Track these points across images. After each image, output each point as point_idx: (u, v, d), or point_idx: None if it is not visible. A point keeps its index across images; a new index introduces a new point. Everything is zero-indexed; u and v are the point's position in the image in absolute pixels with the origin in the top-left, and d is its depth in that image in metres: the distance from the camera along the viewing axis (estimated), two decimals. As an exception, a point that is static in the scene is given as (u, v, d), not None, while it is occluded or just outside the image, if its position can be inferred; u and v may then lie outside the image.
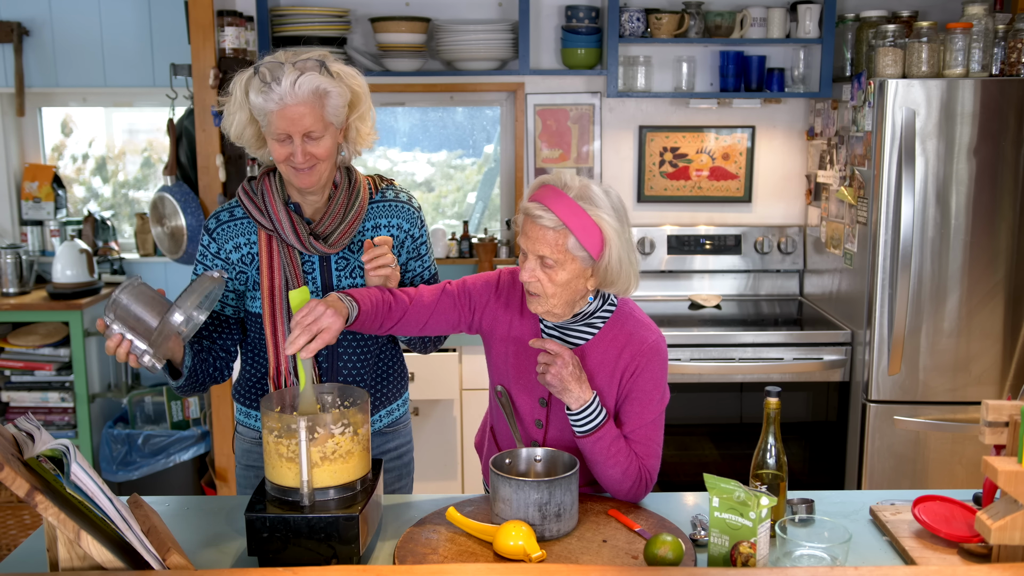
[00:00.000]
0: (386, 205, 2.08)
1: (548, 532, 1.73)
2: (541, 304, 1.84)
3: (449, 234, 3.99)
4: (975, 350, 3.21)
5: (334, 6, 3.70)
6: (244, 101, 1.90)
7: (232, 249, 2.00)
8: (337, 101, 1.88)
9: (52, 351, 3.70)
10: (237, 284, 2.02)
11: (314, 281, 2.02)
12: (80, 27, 3.90)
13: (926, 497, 1.83)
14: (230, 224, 2.02)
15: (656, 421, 1.92)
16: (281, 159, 1.90)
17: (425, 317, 1.94)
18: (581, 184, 1.80)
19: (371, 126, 2.01)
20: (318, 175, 1.93)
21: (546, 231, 1.77)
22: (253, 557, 1.68)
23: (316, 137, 1.88)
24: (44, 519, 1.51)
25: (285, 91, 1.83)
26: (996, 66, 3.17)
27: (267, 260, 1.98)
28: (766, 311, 3.75)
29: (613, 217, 1.79)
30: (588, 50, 3.67)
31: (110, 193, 4.32)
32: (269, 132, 1.89)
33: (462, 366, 3.39)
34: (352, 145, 2.01)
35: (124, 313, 1.72)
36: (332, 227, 1.99)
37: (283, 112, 1.84)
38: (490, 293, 1.98)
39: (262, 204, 1.98)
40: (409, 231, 2.09)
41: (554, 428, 1.96)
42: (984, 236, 3.16)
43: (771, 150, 3.92)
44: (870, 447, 3.25)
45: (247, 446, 2.15)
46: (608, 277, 1.82)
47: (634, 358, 1.89)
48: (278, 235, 1.97)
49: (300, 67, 1.84)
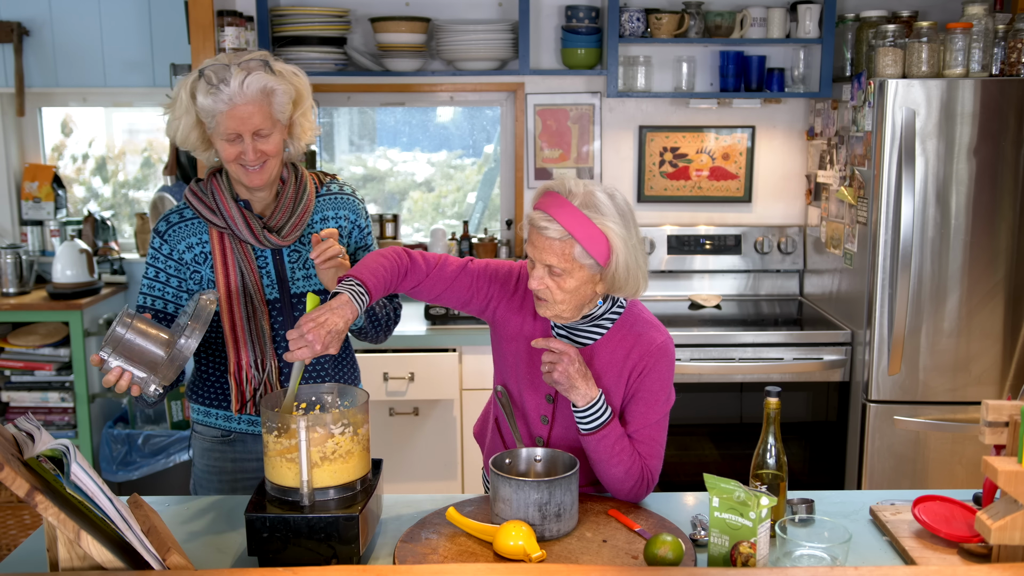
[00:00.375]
0: (332, 198, 2.15)
1: (548, 532, 1.74)
2: (550, 309, 1.85)
3: (449, 234, 3.99)
4: (975, 350, 3.21)
5: (334, 6, 3.70)
6: (190, 105, 1.94)
7: (185, 249, 2.04)
8: (283, 99, 1.95)
9: (52, 351, 3.70)
10: (192, 284, 2.05)
11: (269, 275, 2.06)
12: (80, 27, 3.90)
13: (926, 497, 1.83)
14: (180, 226, 2.05)
15: (660, 422, 1.92)
16: (231, 158, 1.95)
17: (441, 288, 1.94)
18: (585, 191, 1.79)
19: (313, 121, 2.08)
20: (268, 172, 1.98)
21: (552, 241, 1.77)
22: (253, 557, 1.68)
23: (265, 135, 1.94)
24: (44, 519, 1.51)
25: (234, 91, 1.88)
26: (996, 66, 3.17)
27: (221, 258, 2.02)
28: (766, 311, 3.75)
29: (619, 224, 1.78)
30: (588, 50, 3.67)
31: (110, 193, 4.32)
32: (218, 133, 1.94)
33: (462, 366, 3.39)
34: (296, 141, 2.06)
35: (126, 347, 1.74)
36: (283, 220, 2.04)
37: (232, 112, 1.89)
38: (507, 289, 1.98)
39: (213, 203, 2.02)
40: (356, 221, 2.16)
41: (559, 425, 1.96)
42: (984, 236, 3.16)
43: (771, 150, 3.92)
44: (870, 447, 3.25)
45: (207, 445, 2.17)
46: (616, 283, 1.82)
47: (643, 358, 1.89)
48: (231, 232, 2.01)
49: (246, 67, 1.90)
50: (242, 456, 2.16)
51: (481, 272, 1.98)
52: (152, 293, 2.05)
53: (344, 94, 3.91)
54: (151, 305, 2.04)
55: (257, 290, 2.03)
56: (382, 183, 4.20)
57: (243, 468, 2.17)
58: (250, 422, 2.14)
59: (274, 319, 2.07)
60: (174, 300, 2.05)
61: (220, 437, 2.15)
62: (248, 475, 2.17)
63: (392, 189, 4.21)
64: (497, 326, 2.00)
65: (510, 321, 1.97)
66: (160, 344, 1.76)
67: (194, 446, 2.21)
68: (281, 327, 2.07)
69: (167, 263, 2.04)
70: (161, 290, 2.05)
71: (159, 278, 2.05)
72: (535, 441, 2.00)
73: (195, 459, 2.22)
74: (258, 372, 2.05)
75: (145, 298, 2.05)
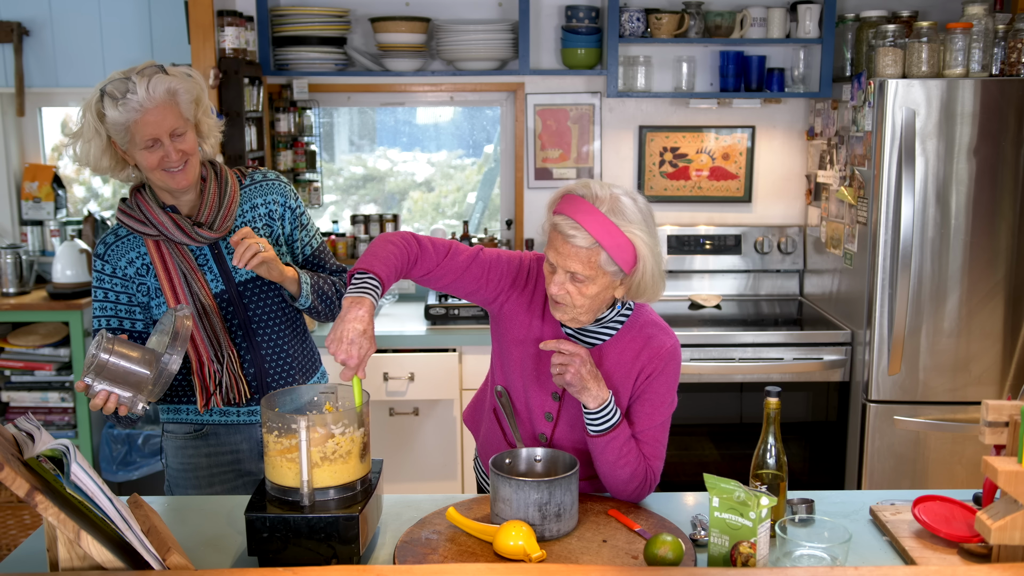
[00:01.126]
0: (257, 186, 2.18)
1: (548, 532, 1.73)
2: (567, 313, 1.83)
3: (449, 234, 3.99)
4: (975, 350, 3.21)
5: (334, 6, 3.70)
6: (99, 125, 1.98)
7: (126, 265, 2.09)
8: (186, 97, 2.00)
9: (52, 351, 3.70)
10: (141, 297, 2.10)
11: (211, 271, 2.10)
12: (80, 27, 3.90)
13: (926, 497, 1.83)
14: (117, 244, 2.11)
15: (664, 424, 1.92)
16: (153, 166, 1.99)
17: (451, 278, 1.92)
18: (611, 196, 1.75)
19: (215, 119, 2.13)
20: (191, 171, 2.03)
21: (579, 250, 1.74)
22: (253, 557, 1.68)
23: (180, 133, 1.99)
24: (44, 519, 1.51)
25: (143, 97, 1.93)
26: (996, 66, 3.17)
27: (161, 264, 2.07)
28: (766, 311, 3.75)
29: (644, 231, 1.76)
30: (588, 50, 3.67)
31: (110, 193, 4.32)
32: (134, 144, 1.98)
33: (462, 366, 3.39)
34: (205, 139, 2.11)
35: (111, 372, 1.79)
36: (212, 214, 2.09)
37: (145, 118, 1.94)
38: (518, 284, 1.95)
39: (141, 215, 2.07)
40: (286, 203, 2.19)
41: (564, 423, 1.96)
42: (984, 236, 3.16)
43: (771, 150, 3.92)
44: (870, 447, 3.25)
45: (179, 443, 2.20)
46: (640, 289, 1.80)
47: (652, 361, 1.88)
48: (165, 237, 2.06)
49: (144, 74, 1.95)
50: (216, 450, 2.19)
51: (493, 263, 1.95)
52: (105, 314, 2.11)
53: (344, 94, 3.91)
54: (107, 326, 2.10)
55: (202, 287, 2.08)
56: (382, 183, 4.20)
57: (218, 462, 2.19)
58: (222, 413, 2.18)
59: (224, 310, 2.12)
60: (128, 316, 2.11)
61: (192, 432, 2.18)
62: (223, 468, 2.20)
63: (392, 189, 4.21)
64: (503, 320, 1.98)
65: (518, 318, 1.96)
66: (143, 363, 1.82)
67: (166, 447, 2.24)
68: (234, 316, 2.12)
69: (112, 281, 2.10)
70: (113, 308, 2.10)
71: (108, 298, 2.10)
72: (539, 438, 2.00)
73: (167, 459, 2.24)
74: (219, 365, 2.09)
75: (99, 320, 2.11)
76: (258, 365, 2.15)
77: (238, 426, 2.19)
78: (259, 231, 2.16)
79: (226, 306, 2.12)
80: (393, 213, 3.99)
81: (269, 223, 2.17)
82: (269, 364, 2.17)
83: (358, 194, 4.21)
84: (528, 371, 1.96)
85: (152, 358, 1.83)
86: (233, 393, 2.10)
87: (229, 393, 2.10)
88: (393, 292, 3.85)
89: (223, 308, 2.11)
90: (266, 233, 2.17)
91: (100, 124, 1.97)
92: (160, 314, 2.10)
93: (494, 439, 2.08)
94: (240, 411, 2.18)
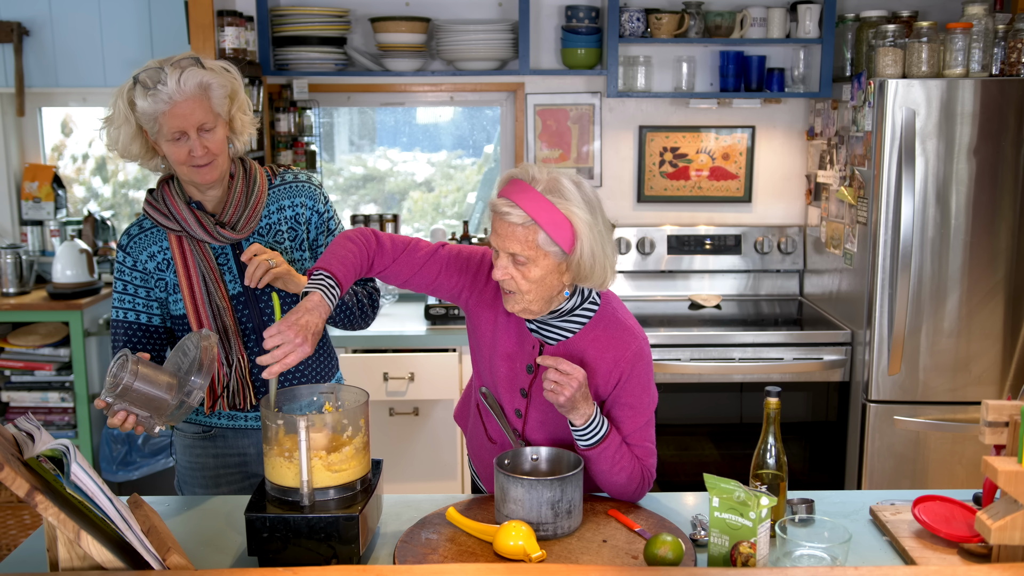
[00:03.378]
0: (286, 187, 2.15)
1: (560, 529, 1.74)
2: (517, 302, 1.81)
3: (449, 234, 3.99)
4: (975, 350, 3.21)
5: (334, 6, 3.70)
6: (129, 113, 1.96)
7: (147, 259, 2.08)
8: (220, 92, 1.97)
9: (52, 351, 3.70)
10: (159, 293, 2.09)
11: (231, 271, 2.08)
12: (80, 27, 3.90)
13: (926, 497, 1.83)
14: (140, 236, 2.09)
15: (649, 422, 1.92)
16: (180, 160, 1.97)
17: (408, 274, 1.92)
18: (550, 177, 1.76)
19: (251, 116, 2.09)
20: (217, 169, 2.00)
21: (515, 227, 1.73)
22: (253, 557, 1.68)
23: (209, 129, 1.96)
24: (44, 519, 1.51)
25: (172, 90, 1.90)
26: (996, 66, 3.17)
27: (181, 260, 2.05)
28: (766, 311, 3.75)
29: (584, 210, 1.74)
30: (588, 50, 3.67)
31: (110, 193, 4.32)
32: (162, 135, 1.95)
33: (462, 366, 3.39)
34: (238, 136, 2.08)
35: (133, 395, 1.75)
36: (237, 214, 2.06)
37: (174, 110, 1.91)
38: (479, 280, 1.95)
39: (166, 209, 2.05)
40: (314, 207, 2.15)
41: (533, 420, 1.95)
42: (984, 236, 3.16)
43: (771, 150, 3.92)
44: (870, 447, 3.25)
45: (188, 441, 2.20)
46: (582, 271, 1.78)
47: (617, 364, 1.87)
48: (187, 234, 2.04)
49: (179, 66, 1.92)
50: (223, 452, 2.19)
51: (452, 259, 1.94)
52: (123, 306, 2.10)
53: (344, 94, 3.91)
54: (124, 318, 2.09)
55: (219, 288, 2.06)
56: (382, 183, 4.20)
57: (225, 464, 2.19)
58: (230, 416, 2.16)
59: (240, 313, 2.09)
60: (145, 310, 2.10)
61: (201, 433, 2.18)
62: (230, 470, 2.19)
63: (392, 189, 4.21)
64: (471, 316, 1.98)
65: (482, 316, 1.95)
66: (166, 389, 1.77)
67: (176, 444, 2.24)
68: (248, 320, 2.10)
69: (132, 275, 2.09)
70: (131, 301, 2.09)
71: (127, 290, 2.09)
72: (513, 432, 1.99)
73: (177, 457, 2.25)
74: (227, 368, 2.07)
75: (117, 311, 2.10)
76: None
77: (246, 430, 2.18)
78: (282, 234, 2.12)
79: (242, 308, 2.09)
80: (393, 213, 3.99)
81: (294, 226, 2.14)
82: (286, 379, 2.15)
83: (358, 194, 4.21)
84: (496, 368, 1.95)
85: (176, 384, 1.78)
86: (238, 398, 2.09)
87: (235, 398, 2.09)
88: (393, 292, 3.85)
89: (238, 311, 2.09)
90: (289, 236, 2.13)
91: (130, 112, 1.95)
92: (176, 311, 2.08)
93: (477, 436, 2.09)
94: (248, 415, 2.17)
